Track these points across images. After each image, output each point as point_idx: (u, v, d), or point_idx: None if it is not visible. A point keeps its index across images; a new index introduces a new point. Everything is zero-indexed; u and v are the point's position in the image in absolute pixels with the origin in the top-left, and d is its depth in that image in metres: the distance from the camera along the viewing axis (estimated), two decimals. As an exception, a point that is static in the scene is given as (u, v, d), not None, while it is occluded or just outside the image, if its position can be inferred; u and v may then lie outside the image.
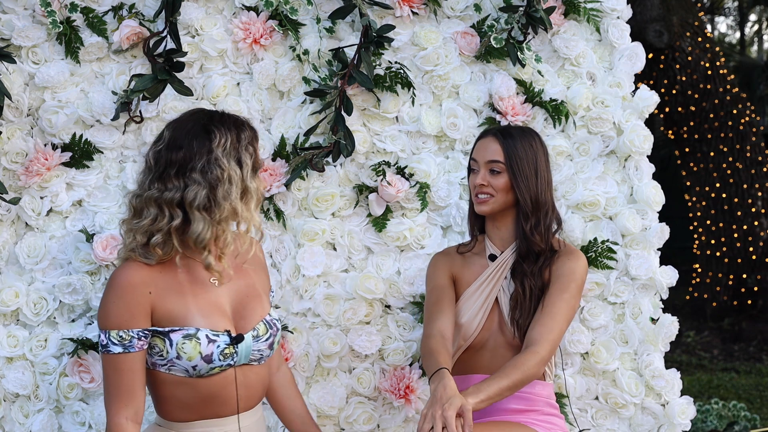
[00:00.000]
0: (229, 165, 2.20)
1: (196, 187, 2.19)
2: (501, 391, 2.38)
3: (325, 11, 2.96)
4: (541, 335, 2.49)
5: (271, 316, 2.39)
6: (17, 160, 2.78)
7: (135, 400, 2.22)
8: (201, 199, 2.19)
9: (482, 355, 2.64)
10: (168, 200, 2.20)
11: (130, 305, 2.20)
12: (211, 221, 2.21)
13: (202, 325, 2.25)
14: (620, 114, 3.07)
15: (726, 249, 8.19)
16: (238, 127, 2.27)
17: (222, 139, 2.22)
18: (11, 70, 2.74)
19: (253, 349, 2.32)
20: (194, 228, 2.19)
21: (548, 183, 2.64)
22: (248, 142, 2.27)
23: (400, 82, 2.95)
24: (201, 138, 2.22)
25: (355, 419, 2.91)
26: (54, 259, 2.78)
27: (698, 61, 7.91)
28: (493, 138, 2.64)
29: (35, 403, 2.75)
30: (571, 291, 2.57)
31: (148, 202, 2.21)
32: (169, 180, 2.20)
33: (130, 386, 2.21)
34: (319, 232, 2.90)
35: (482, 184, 2.62)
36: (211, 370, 2.26)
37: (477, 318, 2.63)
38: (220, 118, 2.28)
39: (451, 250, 2.77)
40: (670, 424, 3.04)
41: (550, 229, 2.63)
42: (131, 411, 2.21)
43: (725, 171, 8.08)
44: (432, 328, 2.56)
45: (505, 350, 2.62)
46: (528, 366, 2.43)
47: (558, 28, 3.08)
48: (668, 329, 3.04)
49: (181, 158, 2.20)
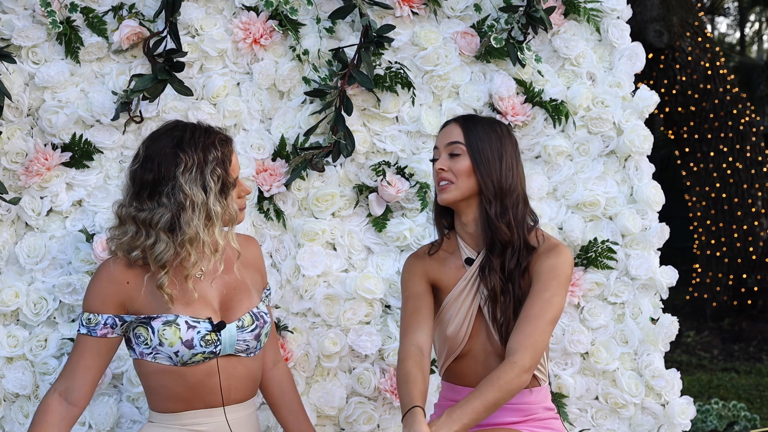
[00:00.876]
0: (191, 191, 2.26)
1: (162, 210, 2.26)
2: (478, 415, 2.23)
3: (325, 11, 2.96)
4: (519, 343, 2.31)
5: (258, 309, 2.43)
6: (17, 160, 2.78)
7: (72, 377, 2.31)
8: (164, 222, 2.26)
9: (473, 366, 2.50)
10: (142, 220, 2.27)
11: (103, 292, 2.30)
12: (174, 243, 2.27)
13: (181, 312, 2.31)
14: (620, 114, 3.07)
15: (726, 249, 8.19)
16: (206, 149, 2.30)
17: (189, 163, 2.27)
18: (11, 70, 2.74)
19: (238, 339, 2.36)
20: (156, 248, 2.27)
21: (516, 173, 2.47)
22: (216, 163, 2.30)
23: (400, 82, 2.95)
24: (168, 162, 2.28)
25: (355, 419, 2.91)
26: (54, 259, 2.78)
27: (698, 61, 7.91)
28: (454, 123, 2.51)
29: (35, 403, 2.75)
30: (552, 289, 2.38)
31: (128, 219, 2.30)
32: (144, 201, 2.29)
33: (74, 365, 2.31)
34: (319, 232, 2.90)
35: (442, 169, 2.46)
36: (194, 356, 2.31)
37: (463, 327, 2.49)
38: (190, 139, 2.31)
39: (424, 251, 2.57)
40: (670, 424, 3.04)
41: (523, 221, 2.46)
42: (63, 386, 2.30)
43: (725, 171, 8.08)
44: (409, 345, 2.42)
45: (495, 359, 2.47)
46: (506, 380, 2.26)
47: (558, 28, 3.08)
48: (668, 329, 3.04)
49: (151, 180, 2.28)
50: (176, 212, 2.26)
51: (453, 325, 2.49)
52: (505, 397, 2.28)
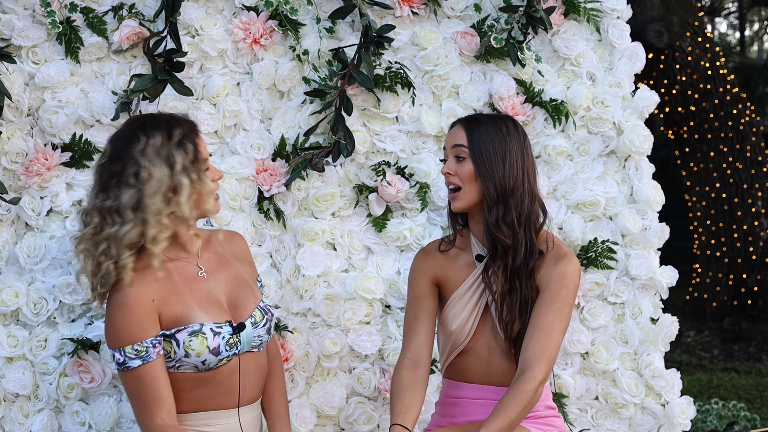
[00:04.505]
0: (154, 165, 2.25)
1: (128, 189, 2.25)
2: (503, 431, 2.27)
3: (325, 11, 2.96)
4: (535, 356, 2.34)
5: (264, 303, 2.46)
6: (17, 160, 2.78)
7: (165, 403, 2.27)
8: (128, 200, 2.24)
9: (476, 362, 2.53)
10: (108, 208, 2.26)
11: (138, 318, 2.26)
12: (138, 221, 2.25)
13: (204, 319, 2.31)
14: (620, 114, 3.07)
15: (726, 249, 8.19)
16: (169, 126, 2.32)
17: (151, 140, 2.27)
18: (11, 70, 2.74)
19: (254, 335, 2.39)
20: (121, 230, 2.25)
21: (524, 169, 2.46)
22: (180, 138, 2.31)
23: (400, 82, 2.95)
24: (130, 145, 2.28)
25: (355, 419, 2.91)
26: (54, 259, 2.78)
27: (698, 61, 7.91)
28: (459, 125, 2.51)
29: (35, 403, 2.75)
30: (562, 299, 2.40)
31: (92, 212, 2.28)
32: (109, 191, 2.27)
33: (156, 394, 2.26)
34: (319, 232, 2.90)
35: (448, 173, 2.49)
36: (220, 362, 2.32)
37: (468, 324, 2.52)
38: (153, 120, 2.34)
39: (433, 247, 2.60)
40: (670, 424, 3.04)
41: (529, 221, 2.45)
42: (164, 412, 2.26)
43: (725, 171, 8.07)
44: (403, 358, 2.49)
45: (500, 357, 2.51)
46: (527, 396, 2.30)
47: (558, 28, 3.08)
48: (668, 329, 3.04)
49: (118, 168, 2.27)
50: (140, 189, 2.25)
51: (458, 320, 2.52)
52: (526, 412, 2.32)
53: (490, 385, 2.52)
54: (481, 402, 2.50)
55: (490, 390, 2.51)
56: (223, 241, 2.49)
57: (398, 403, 2.39)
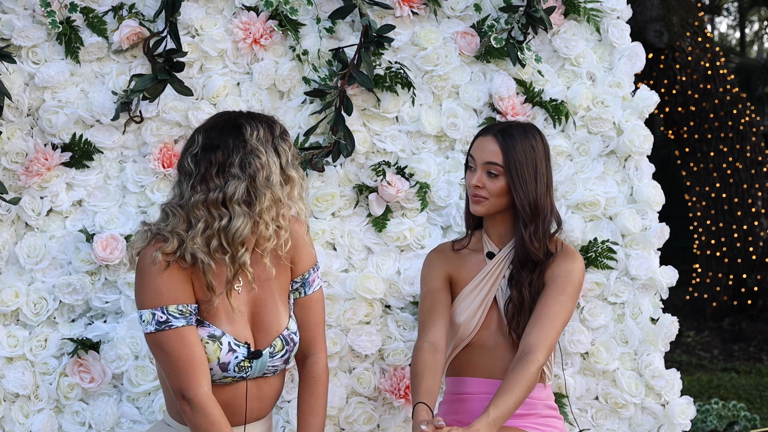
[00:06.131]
0: (266, 153, 2.16)
1: (236, 182, 2.13)
2: (511, 413, 2.35)
3: (325, 11, 2.96)
4: (538, 340, 2.44)
5: (288, 330, 2.34)
6: (17, 160, 2.78)
7: (208, 374, 2.17)
8: (240, 193, 2.13)
9: (481, 356, 2.60)
10: (214, 200, 2.14)
11: (179, 279, 2.15)
12: (251, 215, 2.15)
13: (228, 330, 2.23)
14: (620, 114, 3.07)
15: (726, 249, 8.19)
16: (269, 121, 2.26)
17: (255, 131, 2.18)
18: (11, 70, 2.74)
19: (268, 365, 2.31)
20: (234, 223, 2.12)
21: (548, 185, 2.57)
22: (281, 132, 2.25)
23: (400, 82, 2.95)
24: (234, 134, 2.18)
25: (355, 419, 2.91)
26: (54, 259, 2.78)
27: (698, 61, 7.91)
28: (493, 138, 2.55)
29: (35, 403, 2.75)
30: (567, 293, 2.51)
31: (195, 206, 2.15)
32: (210, 181, 2.15)
33: (202, 359, 2.16)
34: (319, 232, 2.90)
35: (477, 186, 2.55)
36: (224, 378, 2.26)
37: (475, 318, 2.59)
38: (249, 115, 2.26)
39: (446, 246, 2.71)
40: (670, 424, 3.04)
41: (548, 232, 2.57)
42: (207, 384, 2.17)
43: (725, 171, 8.07)
44: (422, 342, 2.52)
45: (505, 351, 2.58)
46: (531, 377, 2.39)
47: (558, 28, 3.08)
48: (668, 329, 3.04)
49: (219, 157, 2.16)
50: (252, 179, 2.13)
51: (466, 313, 2.59)
52: (529, 393, 2.41)
53: (492, 378, 2.57)
54: (486, 397, 2.52)
55: (493, 384, 2.55)
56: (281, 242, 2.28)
57: (422, 384, 2.43)
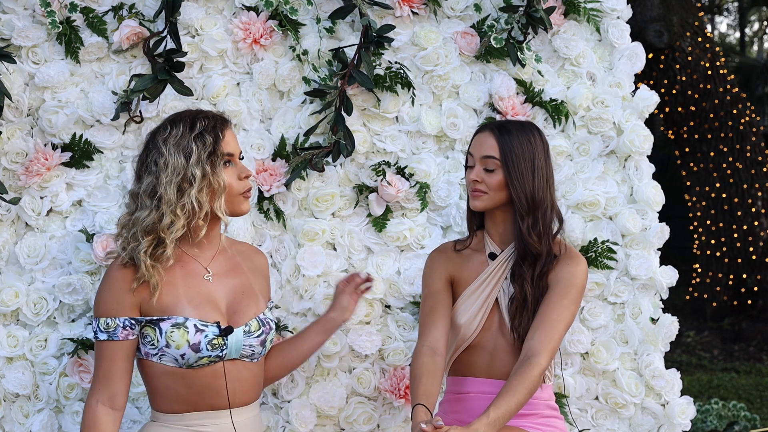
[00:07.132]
0: (169, 154, 2.32)
1: (149, 179, 2.33)
2: (512, 414, 2.35)
3: (325, 11, 2.96)
4: (541, 344, 2.43)
5: (265, 315, 2.45)
6: (17, 160, 2.78)
7: (111, 385, 2.32)
8: (146, 187, 2.33)
9: (481, 357, 2.60)
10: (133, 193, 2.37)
11: (117, 295, 2.32)
12: (154, 207, 2.32)
13: (191, 315, 2.33)
14: (620, 114, 3.07)
15: (726, 249, 8.20)
16: (194, 119, 2.37)
17: (174, 131, 2.34)
18: (11, 70, 2.74)
19: (244, 344, 2.37)
20: (140, 214, 2.32)
21: (547, 180, 2.56)
22: (203, 130, 2.35)
23: (400, 82, 2.95)
24: (152, 134, 2.40)
25: (355, 419, 2.91)
26: (54, 259, 2.78)
27: (698, 61, 7.92)
28: (490, 133, 2.56)
29: (35, 403, 2.75)
30: (570, 296, 2.51)
31: (129, 199, 2.38)
32: (141, 178, 2.37)
33: (107, 372, 2.32)
34: (319, 232, 2.90)
35: (476, 180, 2.56)
36: (200, 359, 2.32)
37: (476, 319, 2.59)
38: (185, 113, 2.41)
39: (448, 247, 2.70)
40: (670, 424, 3.04)
41: (549, 229, 2.55)
42: (105, 395, 2.32)
43: (725, 171, 8.08)
44: (421, 345, 2.53)
45: (505, 352, 2.57)
46: (533, 381, 2.38)
47: (558, 28, 3.08)
48: (668, 329, 3.04)
49: (145, 156, 2.38)
50: (157, 176, 2.32)
51: (468, 314, 2.59)
52: (530, 396, 2.40)
53: (493, 379, 2.58)
54: (485, 396, 2.53)
55: (494, 384, 2.56)
56: (243, 252, 2.53)
57: (420, 387, 2.44)
